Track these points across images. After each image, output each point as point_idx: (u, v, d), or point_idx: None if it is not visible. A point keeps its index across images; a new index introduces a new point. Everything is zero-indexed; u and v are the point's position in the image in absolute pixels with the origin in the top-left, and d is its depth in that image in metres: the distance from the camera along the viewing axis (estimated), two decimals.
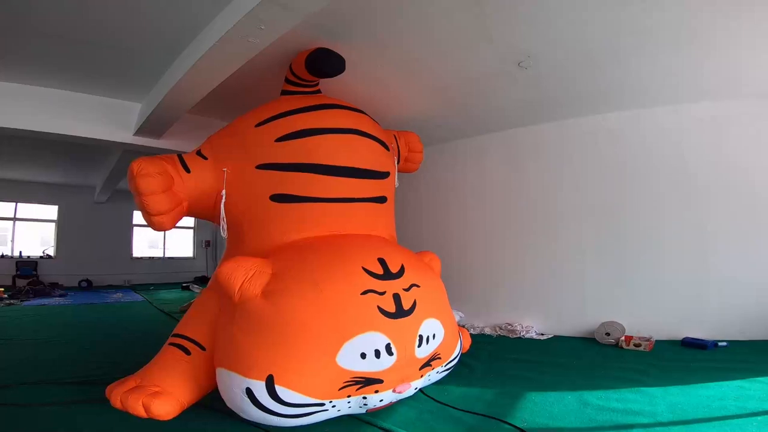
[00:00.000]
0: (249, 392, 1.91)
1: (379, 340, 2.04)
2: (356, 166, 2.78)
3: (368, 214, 2.92)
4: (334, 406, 2.03)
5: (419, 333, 2.21)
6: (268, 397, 1.90)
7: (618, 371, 3.26)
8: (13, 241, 9.55)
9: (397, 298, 2.17)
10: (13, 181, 8.92)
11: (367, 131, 2.91)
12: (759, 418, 2.24)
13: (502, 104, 4.31)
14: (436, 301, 2.54)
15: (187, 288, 9.17)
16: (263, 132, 2.76)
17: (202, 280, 10.39)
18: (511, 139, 4.99)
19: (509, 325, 4.71)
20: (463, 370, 3.23)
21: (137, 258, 10.52)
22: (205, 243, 11.05)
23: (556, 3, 2.57)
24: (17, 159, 7.21)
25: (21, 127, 3.63)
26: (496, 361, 3.60)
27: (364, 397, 2.08)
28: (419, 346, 2.21)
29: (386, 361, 2.06)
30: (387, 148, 3.15)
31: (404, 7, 2.59)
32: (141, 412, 2.02)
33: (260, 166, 2.69)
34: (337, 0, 2.32)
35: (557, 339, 4.40)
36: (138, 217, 10.54)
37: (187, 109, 3.70)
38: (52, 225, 9.93)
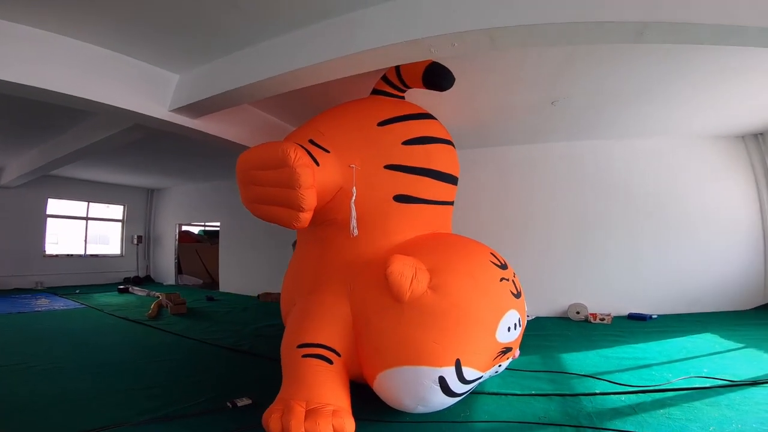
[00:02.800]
0: (442, 380, 2.11)
1: (515, 316, 2.56)
2: (450, 173, 3.14)
3: (447, 214, 3.44)
4: (482, 376, 2.42)
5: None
6: (457, 380, 2.15)
7: (602, 337, 4.39)
8: None
9: (513, 283, 2.76)
10: None
11: (452, 141, 3.33)
12: (695, 360, 3.45)
13: (514, 128, 5.24)
14: None
15: (125, 290, 8.15)
16: (389, 133, 2.88)
17: (135, 282, 9.34)
18: (500, 155, 6.00)
19: None
20: None
21: (51, 256, 8.86)
22: (136, 239, 9.87)
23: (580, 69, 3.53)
24: None
25: (45, 87, 2.85)
26: None
27: (500, 365, 2.63)
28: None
29: (516, 333, 2.59)
30: None
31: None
32: None
33: (388, 167, 2.79)
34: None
35: (540, 319, 5.46)
36: (53, 206, 9.00)
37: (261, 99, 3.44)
38: None
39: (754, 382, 2.78)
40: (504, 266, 2.74)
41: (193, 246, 10.51)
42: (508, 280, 2.64)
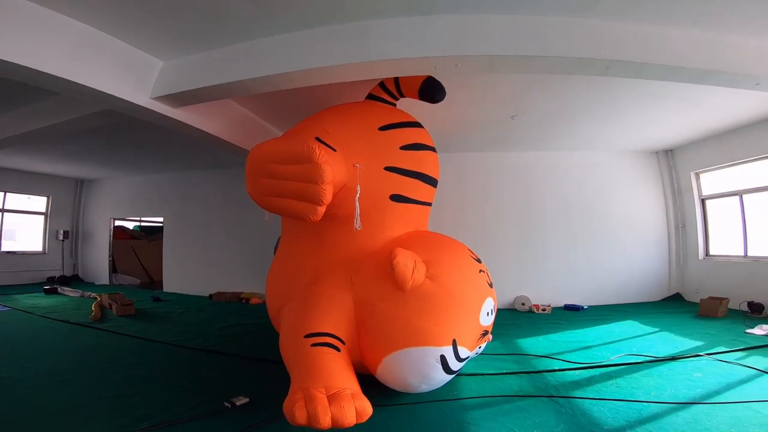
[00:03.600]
0: (442, 358, 2.36)
1: (491, 302, 2.91)
2: (434, 177, 3.49)
3: (427, 214, 3.72)
4: (470, 355, 2.73)
5: None
6: (454, 358, 2.42)
7: (546, 325, 5.00)
8: None
9: (487, 275, 3.12)
10: None
11: (436, 149, 3.64)
12: (624, 341, 4.11)
13: (475, 138, 5.70)
14: None
15: (53, 291, 7.34)
16: (389, 137, 3.08)
17: (62, 281, 8.42)
18: (460, 161, 6.46)
19: None
20: None
21: None
22: (62, 234, 8.84)
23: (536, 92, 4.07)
24: None
25: (18, 62, 2.49)
26: None
27: (480, 347, 2.97)
28: None
29: (491, 318, 2.95)
30: None
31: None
32: (353, 419, 1.93)
33: (388, 168, 2.99)
34: None
35: None
36: None
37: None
38: None
39: (674, 358, 3.43)
40: (479, 260, 3.10)
41: (129, 243, 9.73)
42: (483, 272, 3.00)
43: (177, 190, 8.37)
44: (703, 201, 6.25)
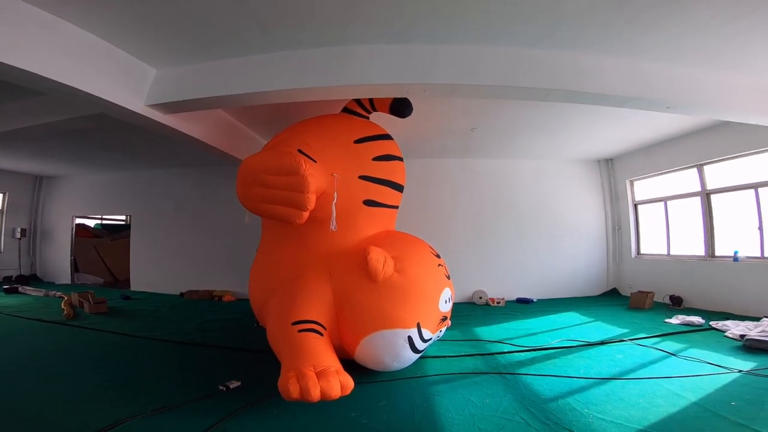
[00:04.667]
0: (410, 339, 2.83)
1: (448, 292, 3.40)
2: (402, 183, 3.94)
3: (395, 216, 4.15)
4: (432, 338, 3.22)
5: None
6: (419, 338, 2.93)
7: (500, 316, 5.61)
8: None
9: (445, 268, 3.60)
10: None
11: (402, 158, 4.08)
12: (564, 329, 4.77)
13: (438, 146, 6.21)
14: None
15: (13, 291, 7.13)
16: (363, 149, 3.48)
17: (19, 281, 8.14)
18: (424, 166, 6.96)
19: None
20: None
21: None
22: (19, 232, 8.50)
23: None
24: None
25: (15, 64, 2.51)
26: None
27: (441, 330, 3.46)
28: None
29: (449, 305, 3.45)
30: None
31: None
32: (338, 392, 2.24)
33: (362, 177, 3.39)
34: None
35: None
36: None
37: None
38: None
39: (603, 342, 4.07)
40: (438, 256, 3.60)
41: (91, 241, 9.51)
42: (442, 266, 3.50)
43: (145, 187, 8.33)
44: (635, 206, 7.12)
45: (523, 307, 6.36)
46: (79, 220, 9.33)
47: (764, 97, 3.86)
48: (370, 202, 3.53)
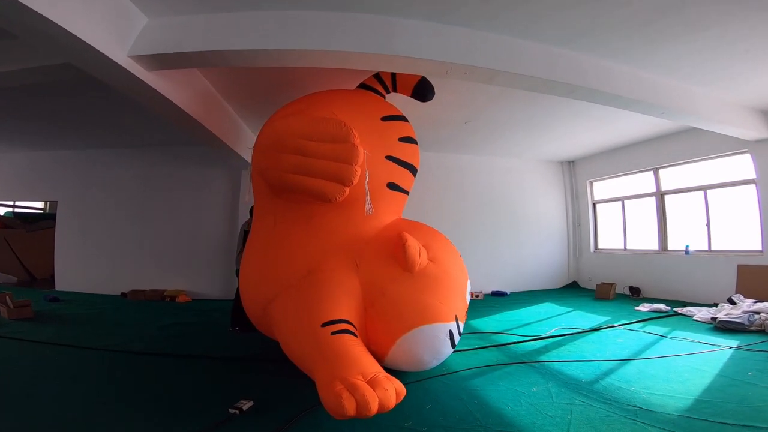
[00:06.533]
0: (450, 333, 2.60)
1: (469, 284, 3.31)
2: (417, 169, 3.67)
3: (404, 204, 3.90)
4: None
5: None
6: (457, 332, 2.72)
7: (484, 308, 5.65)
8: None
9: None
10: None
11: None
12: (550, 319, 4.93)
13: (427, 138, 6.11)
14: None
15: None
16: (390, 128, 3.19)
17: None
18: None
19: None
20: None
21: None
22: None
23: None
24: None
25: None
26: None
27: (462, 322, 3.30)
28: None
29: (470, 297, 3.35)
30: None
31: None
32: (394, 401, 1.88)
33: (388, 157, 3.08)
34: None
35: None
36: None
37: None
38: None
39: (596, 329, 4.23)
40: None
41: (2, 233, 7.94)
42: (461, 257, 3.34)
43: (77, 169, 7.13)
44: (594, 204, 7.65)
45: (500, 299, 6.48)
46: None
47: (735, 109, 4.39)
48: (393, 186, 3.23)
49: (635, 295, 6.27)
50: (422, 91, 3.69)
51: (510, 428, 2.04)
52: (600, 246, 7.56)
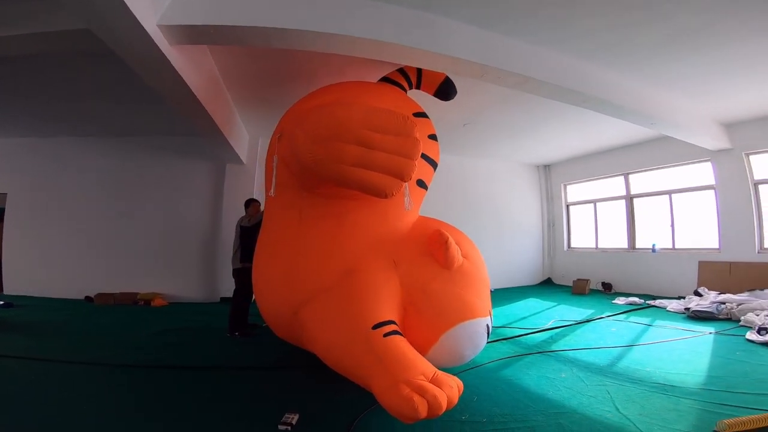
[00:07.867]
0: (487, 328, 2.61)
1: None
2: (437, 163, 3.63)
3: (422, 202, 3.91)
4: None
5: None
6: (491, 326, 2.75)
7: None
8: None
9: None
10: None
11: None
12: (542, 312, 5.17)
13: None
14: None
15: None
16: (421, 124, 3.03)
17: None
18: None
19: None
20: None
21: None
22: None
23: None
24: None
25: None
26: None
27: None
28: None
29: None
30: None
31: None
32: (457, 398, 1.91)
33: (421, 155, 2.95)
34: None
35: None
36: None
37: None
38: None
39: (588, 320, 4.48)
40: None
41: None
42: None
43: (29, 158, 6.41)
44: (568, 206, 8.11)
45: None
46: None
47: (705, 121, 4.93)
48: (421, 183, 3.25)
49: (607, 290, 6.71)
50: (447, 89, 3.75)
51: (563, 409, 2.13)
52: (573, 245, 8.03)
